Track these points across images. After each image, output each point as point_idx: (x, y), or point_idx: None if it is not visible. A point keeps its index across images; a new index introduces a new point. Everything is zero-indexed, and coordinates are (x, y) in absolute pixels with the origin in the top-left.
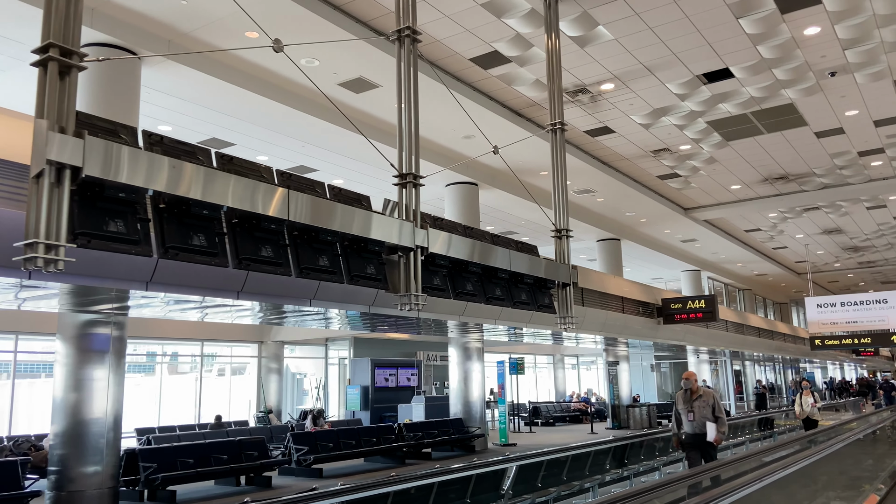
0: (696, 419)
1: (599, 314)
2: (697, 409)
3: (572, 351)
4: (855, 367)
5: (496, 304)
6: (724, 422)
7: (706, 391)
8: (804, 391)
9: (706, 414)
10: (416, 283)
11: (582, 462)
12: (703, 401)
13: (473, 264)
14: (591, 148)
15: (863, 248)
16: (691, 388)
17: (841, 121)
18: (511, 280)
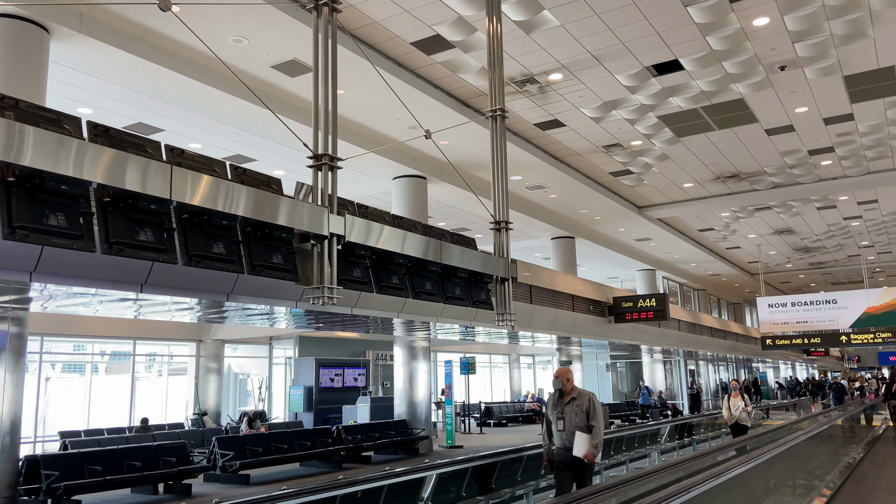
0: (567, 428)
1: (549, 312)
2: (568, 416)
3: (528, 350)
4: (806, 366)
5: (426, 299)
6: (600, 432)
7: (582, 392)
8: (732, 393)
9: (579, 422)
10: (331, 275)
11: (513, 468)
12: (577, 405)
13: (400, 256)
14: (542, 142)
15: (813, 249)
16: (562, 389)
17: (791, 118)
18: (444, 274)
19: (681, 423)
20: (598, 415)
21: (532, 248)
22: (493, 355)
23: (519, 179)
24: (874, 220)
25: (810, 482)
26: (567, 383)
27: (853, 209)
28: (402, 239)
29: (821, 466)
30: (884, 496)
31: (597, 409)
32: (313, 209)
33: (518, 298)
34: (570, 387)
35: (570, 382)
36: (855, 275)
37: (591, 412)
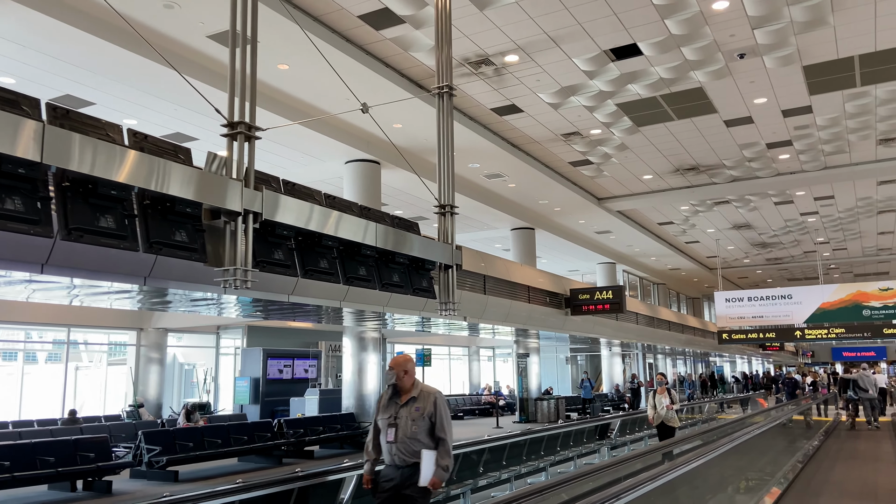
0: (400, 439)
1: (503, 303)
2: (403, 423)
3: (488, 343)
4: (762, 361)
5: (359, 285)
6: (448, 449)
7: (426, 391)
8: (658, 389)
9: (418, 431)
10: (245, 256)
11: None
12: (417, 408)
13: (330, 238)
14: (500, 128)
15: (771, 245)
16: (398, 385)
17: (750, 109)
18: (381, 259)
19: (601, 423)
20: (445, 422)
21: (492, 238)
22: (453, 347)
23: (477, 167)
24: (830, 217)
25: (761, 479)
26: (404, 377)
27: (810, 205)
28: (332, 220)
29: (773, 461)
30: (832, 492)
31: (444, 414)
32: (223, 182)
33: (471, 289)
34: (408, 382)
35: (408, 376)
36: (811, 271)
37: (438, 419)
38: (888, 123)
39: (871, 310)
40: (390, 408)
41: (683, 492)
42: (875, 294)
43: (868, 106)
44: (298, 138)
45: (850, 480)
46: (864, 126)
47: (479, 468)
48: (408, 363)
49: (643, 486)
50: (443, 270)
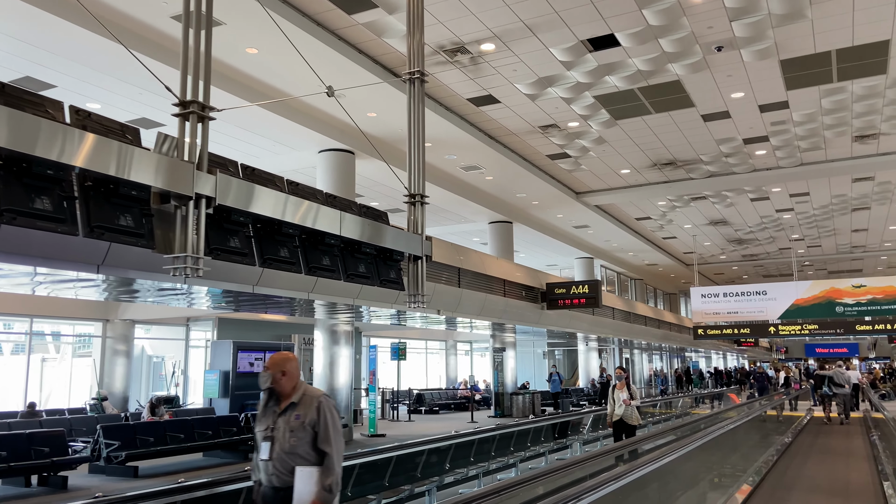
0: (276, 456)
1: (478, 297)
2: (281, 435)
3: (465, 337)
4: (737, 356)
5: (322, 275)
6: (335, 464)
7: (308, 394)
8: (617, 383)
9: (296, 444)
10: (197, 243)
11: (412, 463)
12: (297, 415)
13: (291, 226)
14: (477, 119)
15: (746, 241)
16: (275, 388)
17: (727, 103)
18: (347, 249)
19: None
20: (331, 432)
21: (469, 232)
22: (430, 341)
23: (454, 159)
24: (805, 214)
25: (732, 475)
26: (282, 379)
27: (785, 201)
28: (293, 207)
29: (745, 457)
30: (804, 488)
31: (329, 422)
32: (173, 164)
33: (446, 282)
34: (287, 385)
35: (287, 378)
36: (785, 268)
37: (322, 428)
38: (864, 120)
39: (845, 307)
40: (266, 417)
41: (653, 489)
42: (848, 291)
43: (844, 102)
44: (271, 127)
45: (822, 476)
46: (840, 122)
47: (446, 465)
48: (287, 362)
49: (606, 487)
50: (412, 262)
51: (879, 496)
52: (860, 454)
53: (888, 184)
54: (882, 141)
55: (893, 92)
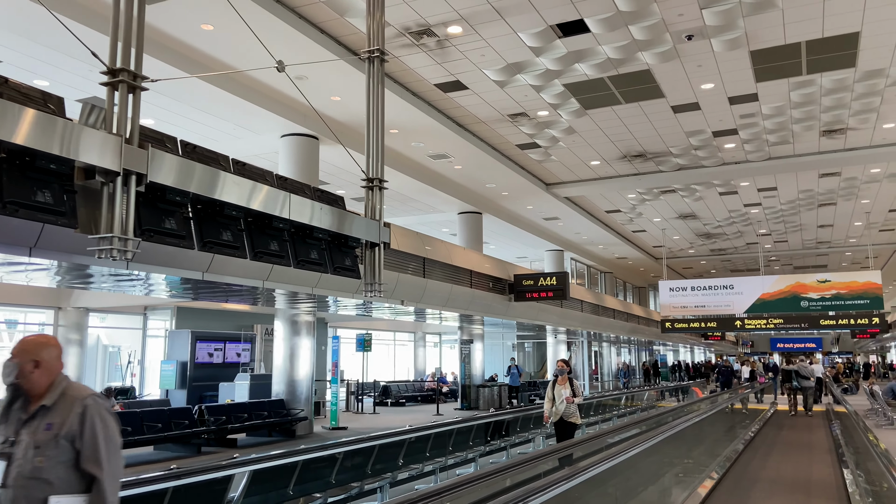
0: (14, 482)
1: (444, 287)
2: (24, 454)
3: (435, 329)
4: (704, 350)
5: (269, 261)
6: (105, 498)
7: (72, 395)
8: (559, 378)
9: (47, 468)
10: (124, 222)
11: (361, 459)
12: (50, 424)
13: (234, 207)
14: (445, 106)
15: (715, 236)
16: (21, 385)
17: (697, 94)
18: (297, 234)
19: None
20: (102, 449)
21: (439, 222)
22: (398, 333)
23: (421, 147)
24: (773, 209)
25: (696, 468)
26: (34, 372)
27: (753, 196)
28: (235, 187)
29: (709, 452)
30: (765, 485)
31: (99, 435)
32: (97, 136)
33: (411, 272)
34: (40, 382)
35: (40, 371)
36: (752, 263)
37: (88, 442)
38: (832, 114)
39: (809, 301)
40: (7, 426)
41: (613, 485)
42: (813, 286)
43: (813, 95)
44: (232, 109)
45: (785, 472)
46: (809, 116)
47: (400, 460)
48: (42, 349)
49: (557, 487)
50: (369, 249)
51: (841, 489)
52: (822, 447)
53: (854, 179)
54: (849, 136)
55: (862, 86)
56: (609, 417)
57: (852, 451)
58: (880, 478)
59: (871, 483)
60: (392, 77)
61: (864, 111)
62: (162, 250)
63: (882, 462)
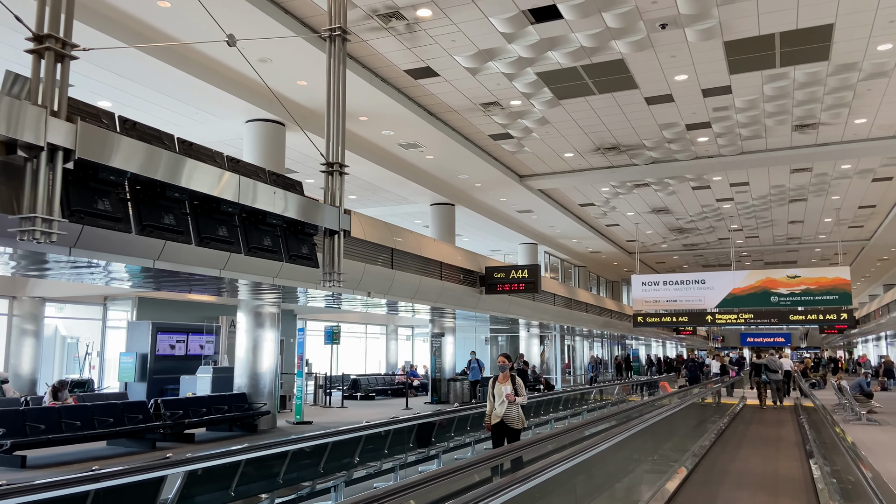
0: None
1: (412, 279)
2: None
3: (407, 322)
4: (676, 345)
5: (217, 247)
6: None
7: None
8: (500, 376)
9: None
10: (47, 202)
11: (313, 458)
12: None
13: (177, 189)
14: (416, 93)
15: (687, 230)
16: None
17: (671, 86)
18: (249, 219)
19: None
20: None
21: (411, 214)
22: (370, 325)
23: (391, 135)
24: (745, 204)
25: (665, 463)
26: None
27: (726, 191)
28: (175, 167)
29: (678, 447)
30: (733, 481)
31: None
32: (18, 107)
33: (379, 263)
34: None
35: None
36: (724, 258)
37: None
38: (804, 109)
39: (779, 296)
40: None
41: (579, 482)
42: (783, 281)
43: (786, 89)
44: (194, 93)
45: (753, 468)
46: (781, 110)
47: (356, 458)
48: None
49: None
50: (327, 236)
51: (808, 483)
52: (790, 441)
53: (825, 175)
54: (821, 131)
55: (834, 80)
56: (579, 412)
57: (819, 445)
58: (847, 472)
59: (838, 478)
60: (360, 62)
61: (837, 106)
62: (113, 237)
63: (850, 456)
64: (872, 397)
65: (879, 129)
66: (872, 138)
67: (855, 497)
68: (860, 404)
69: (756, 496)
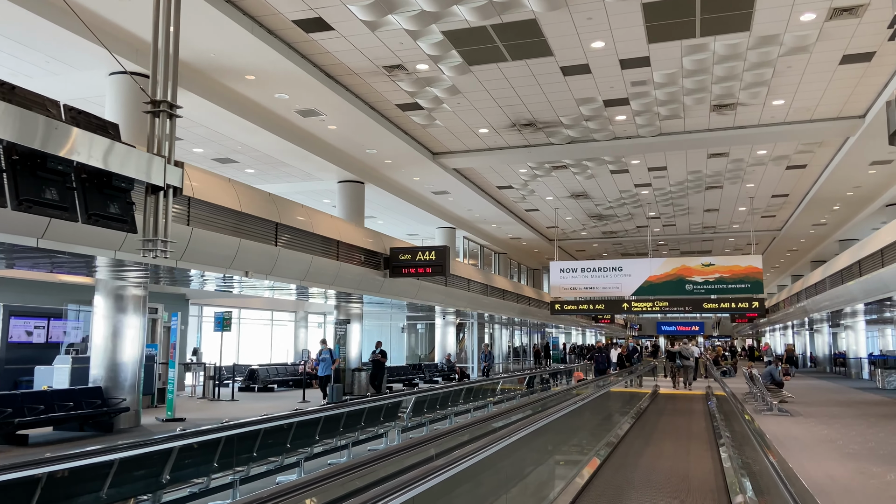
0: None
1: (302, 259)
2: None
3: (319, 308)
4: (595, 333)
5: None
6: None
7: None
8: None
9: None
10: None
11: (159, 464)
12: None
13: None
14: (309, 51)
15: (606, 217)
16: None
17: (587, 54)
18: (23, 164)
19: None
20: None
21: (318, 192)
22: (277, 312)
23: (286, 99)
24: (662, 190)
25: (569, 459)
26: None
27: (644, 175)
28: None
29: (591, 437)
30: (641, 486)
31: None
32: None
33: (258, 238)
34: None
35: None
36: (642, 246)
37: None
38: (723, 87)
39: (694, 284)
40: None
41: (463, 491)
42: (698, 269)
43: (705, 63)
44: (46, 39)
45: (661, 469)
46: (700, 87)
47: (254, 452)
48: None
49: None
50: (149, 194)
51: (719, 475)
52: (702, 437)
53: (741, 161)
54: (739, 112)
55: (755, 54)
56: (483, 405)
57: (730, 438)
58: (756, 462)
59: (745, 466)
60: (240, 7)
61: (756, 84)
62: None
63: (757, 441)
64: (783, 386)
65: (796, 112)
66: (789, 122)
67: (761, 480)
68: (772, 394)
69: (665, 492)
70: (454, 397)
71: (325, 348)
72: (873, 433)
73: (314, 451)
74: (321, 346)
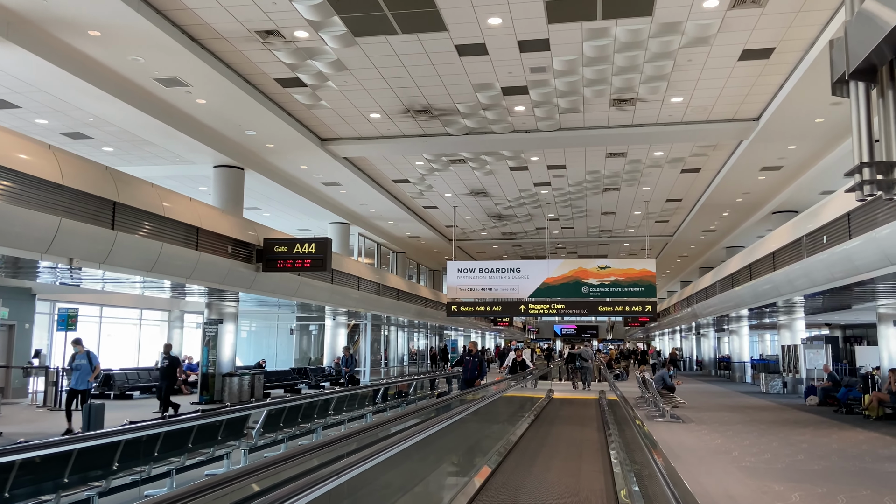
0: None
1: (148, 246)
2: None
3: (196, 307)
4: (495, 336)
5: None
6: None
7: None
8: None
9: None
10: None
11: None
12: None
13: None
14: (164, 5)
15: (506, 217)
16: None
17: (484, 32)
18: None
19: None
20: None
21: (194, 178)
22: (147, 311)
23: (141, 63)
24: (561, 190)
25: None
26: None
27: (543, 174)
28: None
29: (467, 456)
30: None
31: None
32: None
33: (90, 220)
34: None
35: None
36: (541, 249)
37: None
38: (623, 78)
39: (590, 287)
40: None
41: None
42: (594, 272)
43: (606, 50)
44: None
45: (548, 485)
46: (601, 78)
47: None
48: None
49: None
50: None
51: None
52: (593, 447)
53: (638, 163)
54: (638, 108)
55: (656, 43)
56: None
57: (622, 445)
58: (646, 467)
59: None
60: None
61: (656, 78)
62: None
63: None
64: (675, 391)
65: (693, 111)
66: (686, 121)
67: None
68: (664, 399)
69: None
70: (308, 410)
71: (80, 351)
72: (766, 442)
73: (110, 485)
74: (74, 349)
